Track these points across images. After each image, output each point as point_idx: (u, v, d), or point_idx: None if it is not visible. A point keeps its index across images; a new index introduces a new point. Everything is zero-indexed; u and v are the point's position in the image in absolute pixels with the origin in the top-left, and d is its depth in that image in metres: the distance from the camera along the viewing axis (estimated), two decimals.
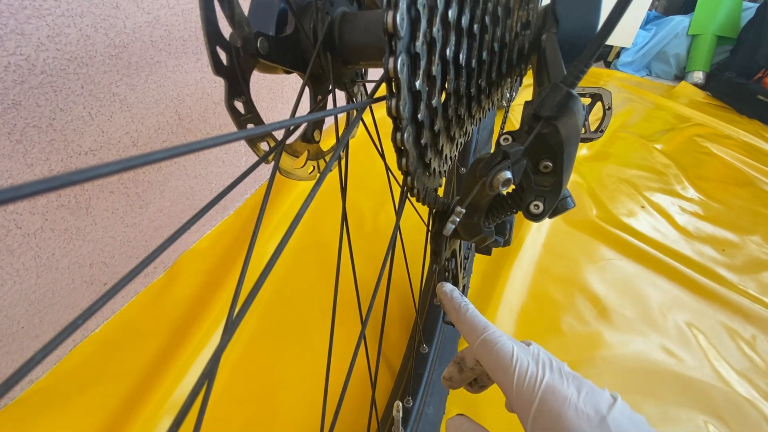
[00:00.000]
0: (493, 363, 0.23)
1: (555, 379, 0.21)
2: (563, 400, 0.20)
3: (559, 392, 0.20)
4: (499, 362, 0.23)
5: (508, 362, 0.22)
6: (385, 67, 0.16)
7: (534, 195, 0.20)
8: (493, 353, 0.23)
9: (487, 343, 0.24)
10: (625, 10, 0.14)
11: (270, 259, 0.13)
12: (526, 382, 0.21)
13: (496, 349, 0.23)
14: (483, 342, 0.24)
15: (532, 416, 0.20)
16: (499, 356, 0.23)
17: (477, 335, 0.25)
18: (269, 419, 0.44)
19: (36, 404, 0.42)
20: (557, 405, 0.20)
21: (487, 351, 0.24)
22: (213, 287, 0.54)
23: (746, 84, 1.57)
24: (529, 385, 0.21)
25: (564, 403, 0.20)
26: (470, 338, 0.25)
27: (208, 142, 0.10)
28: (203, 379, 0.12)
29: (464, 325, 0.27)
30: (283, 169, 0.26)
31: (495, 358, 0.23)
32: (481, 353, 0.24)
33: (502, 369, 0.22)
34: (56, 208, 0.40)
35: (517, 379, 0.21)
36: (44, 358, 0.09)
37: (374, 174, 0.79)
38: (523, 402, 0.21)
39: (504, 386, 0.23)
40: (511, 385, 0.22)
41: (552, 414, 0.20)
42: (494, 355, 0.23)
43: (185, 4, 0.47)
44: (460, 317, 0.27)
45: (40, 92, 0.35)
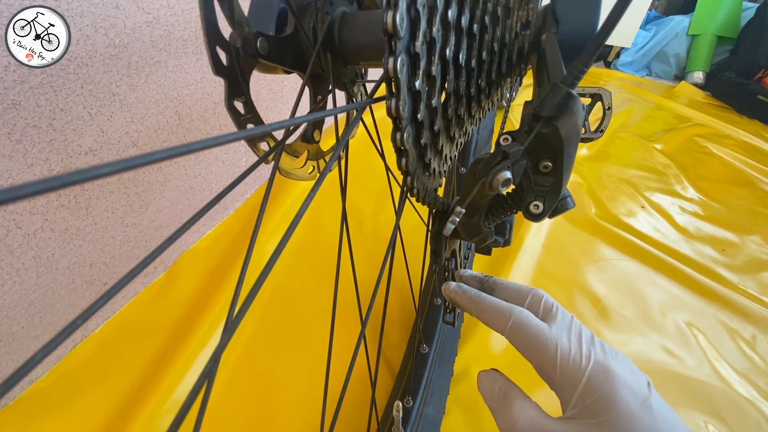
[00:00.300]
0: (531, 345, 0.22)
1: (600, 355, 0.20)
2: (612, 377, 0.19)
3: (608, 370, 0.19)
4: (536, 344, 0.22)
5: (548, 343, 0.21)
6: (384, 67, 0.16)
7: (534, 195, 0.20)
8: (528, 336, 0.22)
9: (518, 327, 0.23)
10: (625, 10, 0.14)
11: (270, 259, 0.13)
12: (571, 360, 0.20)
13: (529, 332, 0.22)
14: (514, 326, 0.23)
15: (578, 394, 0.19)
16: (536, 338, 0.22)
17: (505, 320, 0.23)
18: (269, 419, 0.44)
19: (36, 404, 0.42)
20: (607, 383, 0.19)
21: (520, 335, 0.23)
22: (213, 287, 0.54)
23: (746, 84, 1.57)
24: (574, 363, 0.20)
25: (614, 380, 0.19)
26: (498, 326, 0.24)
27: (208, 142, 0.10)
28: (203, 379, 0.12)
29: (487, 315, 0.25)
30: (282, 169, 0.26)
31: (531, 340, 0.22)
32: (514, 338, 0.23)
33: (540, 350, 0.21)
34: (56, 208, 0.40)
35: (560, 359, 0.21)
36: (44, 358, 0.09)
37: (374, 174, 0.79)
38: (569, 380, 0.20)
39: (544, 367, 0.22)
40: (554, 366, 0.21)
41: (602, 392, 0.19)
42: (530, 338, 0.22)
43: (185, 4, 0.47)
44: (481, 307, 0.26)
45: (40, 92, 0.35)
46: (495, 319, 0.24)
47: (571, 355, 0.21)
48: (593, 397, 0.19)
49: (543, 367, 0.22)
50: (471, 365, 0.51)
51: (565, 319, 0.23)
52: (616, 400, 0.18)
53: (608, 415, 0.18)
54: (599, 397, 0.19)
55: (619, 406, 0.18)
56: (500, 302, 0.25)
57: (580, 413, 0.19)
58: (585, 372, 0.20)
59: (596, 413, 0.19)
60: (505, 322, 0.24)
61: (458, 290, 0.29)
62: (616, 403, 0.18)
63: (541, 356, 0.21)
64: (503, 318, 0.24)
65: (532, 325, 0.23)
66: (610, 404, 0.18)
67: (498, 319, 0.24)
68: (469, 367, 0.51)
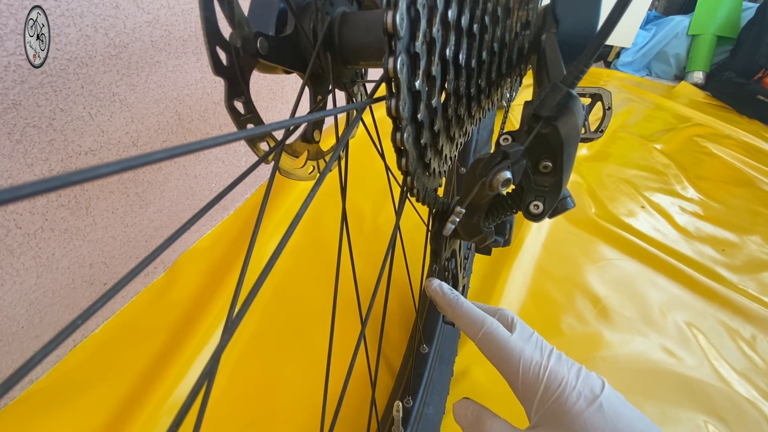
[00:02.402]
0: (497, 356, 0.24)
1: (555, 365, 0.22)
2: (565, 384, 0.21)
3: (561, 377, 0.21)
4: (502, 354, 0.24)
5: (512, 353, 0.23)
6: (384, 67, 0.16)
7: (534, 195, 0.20)
8: (496, 346, 0.24)
9: (489, 337, 0.25)
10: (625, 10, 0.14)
11: (270, 259, 0.13)
12: (531, 370, 0.22)
13: (497, 342, 0.24)
14: (484, 336, 0.25)
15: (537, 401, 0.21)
16: (502, 349, 0.24)
17: (477, 330, 0.25)
18: (269, 419, 0.44)
19: (36, 404, 0.42)
20: (560, 389, 0.21)
21: (489, 344, 0.24)
22: (213, 287, 0.54)
23: (746, 84, 1.57)
24: (534, 373, 0.22)
25: (566, 387, 0.21)
26: (470, 333, 0.26)
27: (208, 142, 0.10)
28: (203, 379, 0.12)
29: (462, 321, 0.27)
30: (282, 169, 0.26)
31: (498, 350, 0.24)
32: (483, 347, 0.25)
33: (506, 360, 0.23)
34: (56, 208, 0.40)
35: (522, 369, 0.22)
36: (44, 358, 0.09)
37: (374, 174, 0.79)
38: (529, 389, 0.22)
39: (509, 376, 0.23)
40: (517, 375, 0.22)
41: (555, 398, 0.21)
42: (497, 348, 0.24)
43: (185, 4, 0.47)
44: (457, 313, 0.28)
45: (40, 92, 0.35)
46: (468, 326, 0.26)
47: (531, 365, 0.22)
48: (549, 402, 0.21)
49: (508, 375, 0.23)
50: (471, 365, 0.51)
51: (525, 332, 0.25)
52: (567, 403, 0.20)
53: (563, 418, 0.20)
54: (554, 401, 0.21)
55: (570, 410, 0.20)
56: (475, 310, 0.27)
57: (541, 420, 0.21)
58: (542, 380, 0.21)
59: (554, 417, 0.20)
60: (476, 330, 0.25)
61: (438, 291, 0.30)
62: (567, 405, 0.20)
63: (507, 365, 0.23)
64: (475, 326, 0.26)
65: (500, 335, 0.24)
66: (564, 410, 0.20)
67: (471, 326, 0.26)
68: (469, 367, 0.51)
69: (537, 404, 0.21)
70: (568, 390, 0.21)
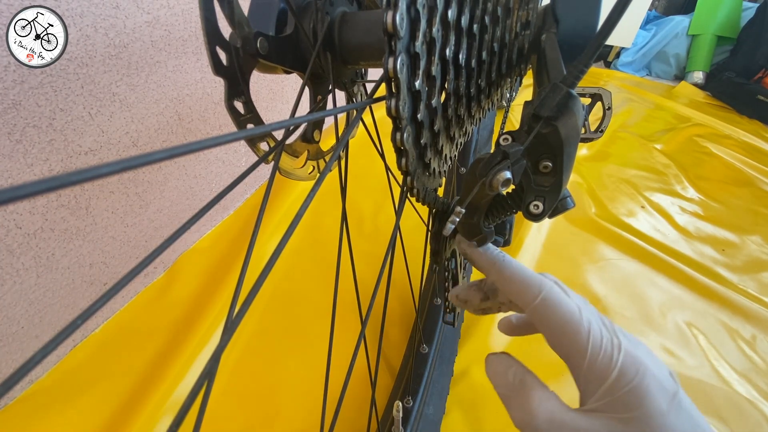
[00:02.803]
0: (559, 328, 0.19)
1: (628, 345, 0.18)
2: (644, 370, 0.18)
3: (640, 362, 0.18)
4: (566, 327, 0.19)
5: (579, 327, 0.19)
6: (384, 67, 0.16)
7: (534, 195, 0.19)
8: (559, 316, 0.19)
9: (549, 304, 0.20)
10: (624, 10, 0.14)
11: (270, 259, 0.13)
12: (603, 350, 0.18)
13: (561, 311, 0.19)
14: (543, 303, 0.20)
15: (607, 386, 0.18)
16: (567, 321, 0.19)
17: (533, 294, 0.20)
18: (269, 419, 0.44)
19: (36, 404, 0.42)
20: (638, 376, 0.17)
21: (551, 313, 0.20)
22: (213, 287, 0.54)
23: (746, 84, 1.57)
24: (606, 353, 0.18)
25: (645, 373, 0.17)
26: (524, 299, 0.21)
27: (208, 142, 0.10)
28: (203, 379, 0.12)
29: (511, 284, 0.22)
30: (282, 169, 0.26)
31: (561, 322, 0.19)
32: (540, 316, 0.20)
33: (569, 334, 0.19)
34: (56, 208, 0.40)
35: (592, 347, 0.18)
36: (44, 358, 0.09)
37: (374, 174, 0.79)
38: (597, 371, 0.18)
39: (570, 352, 0.19)
40: (583, 353, 0.18)
41: (632, 386, 0.17)
42: (560, 319, 0.19)
43: (185, 4, 0.47)
44: (504, 274, 0.22)
45: (40, 92, 0.35)
46: (521, 290, 0.21)
47: (603, 343, 0.18)
48: (623, 390, 0.17)
49: (569, 352, 0.19)
50: (471, 365, 0.51)
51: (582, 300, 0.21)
52: (647, 395, 0.17)
53: (639, 411, 0.17)
54: (629, 390, 0.17)
55: (650, 401, 0.17)
56: (528, 271, 0.22)
57: (606, 406, 0.18)
58: (617, 363, 0.18)
59: (626, 408, 0.17)
60: (534, 295, 0.20)
61: (478, 250, 0.24)
62: (647, 398, 0.17)
63: (571, 340, 0.19)
64: (531, 290, 0.20)
65: (564, 303, 0.20)
66: (641, 399, 0.17)
67: (526, 290, 0.21)
68: (469, 367, 0.51)
69: (605, 390, 0.18)
70: (649, 380, 0.17)
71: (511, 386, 0.21)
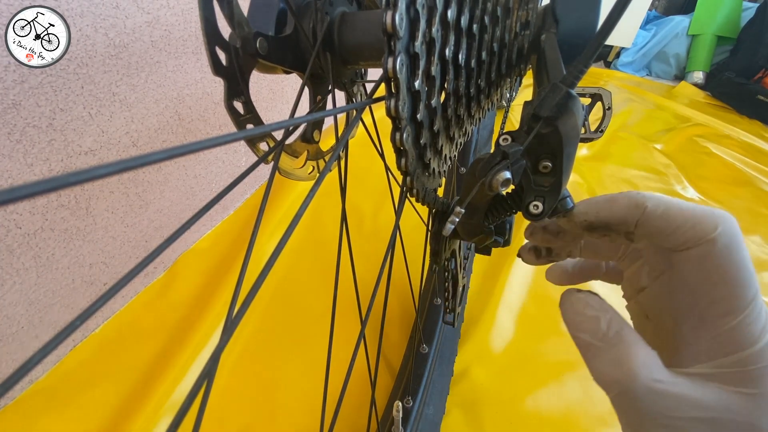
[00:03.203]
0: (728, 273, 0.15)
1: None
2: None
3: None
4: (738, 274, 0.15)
5: (751, 279, 0.15)
6: (384, 67, 0.16)
7: (533, 195, 0.19)
8: (735, 260, 0.15)
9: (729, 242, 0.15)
10: (624, 10, 0.14)
11: (269, 259, 0.13)
12: (759, 313, 0.15)
13: (741, 254, 0.15)
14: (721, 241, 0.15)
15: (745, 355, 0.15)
16: (744, 265, 0.15)
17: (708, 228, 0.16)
18: (269, 419, 0.44)
19: (36, 404, 0.42)
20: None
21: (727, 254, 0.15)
22: (213, 287, 0.54)
23: (746, 84, 1.57)
24: (761, 318, 0.15)
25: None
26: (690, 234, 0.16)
27: (207, 142, 0.10)
28: (202, 379, 0.12)
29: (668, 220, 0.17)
30: (282, 169, 0.26)
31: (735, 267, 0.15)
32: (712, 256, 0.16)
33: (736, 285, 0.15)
34: (56, 208, 0.40)
35: (754, 307, 0.15)
36: (44, 358, 0.09)
37: (374, 174, 0.79)
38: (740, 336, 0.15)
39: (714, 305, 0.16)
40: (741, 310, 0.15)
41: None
42: (735, 263, 0.15)
43: (185, 4, 0.47)
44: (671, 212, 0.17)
45: (40, 92, 0.35)
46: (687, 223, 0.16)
47: (763, 307, 0.15)
48: (762, 364, 0.15)
49: (712, 306, 0.16)
50: (471, 365, 0.51)
51: None
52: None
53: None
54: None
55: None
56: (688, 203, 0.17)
57: (726, 376, 0.15)
58: (765, 335, 0.15)
59: (755, 383, 0.15)
60: (707, 229, 0.16)
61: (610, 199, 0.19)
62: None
63: (731, 293, 0.15)
64: (705, 223, 0.16)
65: (743, 247, 0.16)
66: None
67: (694, 224, 0.16)
68: (469, 367, 0.51)
69: (737, 359, 0.15)
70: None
71: (604, 337, 0.17)
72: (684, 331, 0.17)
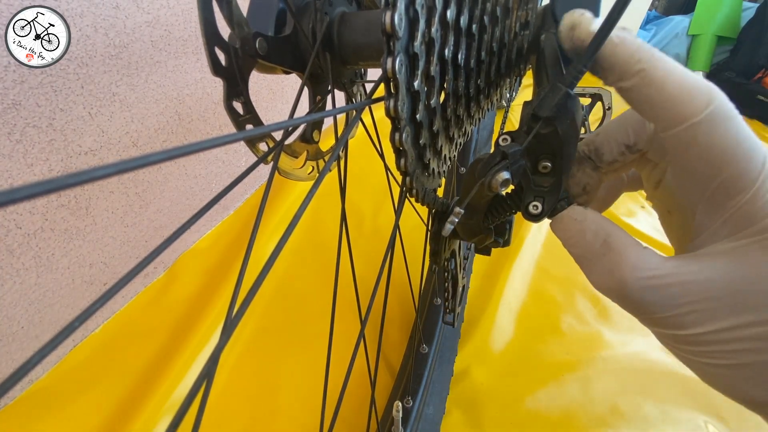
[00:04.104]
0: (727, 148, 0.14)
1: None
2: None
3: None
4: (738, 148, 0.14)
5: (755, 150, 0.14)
6: (383, 68, 0.16)
7: (533, 195, 0.19)
8: (732, 133, 0.14)
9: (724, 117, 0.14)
10: (624, 10, 0.14)
11: (269, 259, 0.13)
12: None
13: (737, 126, 0.14)
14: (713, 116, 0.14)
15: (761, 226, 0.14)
16: (744, 137, 0.14)
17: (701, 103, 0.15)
18: (269, 419, 0.44)
19: (36, 404, 0.42)
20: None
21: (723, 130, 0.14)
22: (213, 287, 0.54)
23: (746, 84, 1.57)
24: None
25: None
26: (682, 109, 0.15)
27: (207, 143, 0.10)
28: (201, 379, 0.12)
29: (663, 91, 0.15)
30: (282, 169, 0.26)
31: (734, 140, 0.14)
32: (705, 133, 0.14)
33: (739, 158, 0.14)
34: (56, 208, 0.40)
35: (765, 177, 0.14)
36: (43, 358, 0.09)
37: (374, 174, 0.79)
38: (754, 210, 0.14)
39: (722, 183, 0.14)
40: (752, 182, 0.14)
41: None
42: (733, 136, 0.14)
43: (185, 4, 0.47)
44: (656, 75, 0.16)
45: (40, 92, 0.35)
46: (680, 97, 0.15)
47: None
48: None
49: (720, 184, 0.14)
50: (471, 365, 0.51)
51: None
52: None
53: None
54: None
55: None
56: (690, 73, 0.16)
57: (740, 250, 0.14)
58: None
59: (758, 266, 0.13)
60: (700, 105, 0.15)
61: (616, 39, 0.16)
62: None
63: (736, 168, 0.14)
64: (698, 98, 0.15)
65: (740, 119, 0.15)
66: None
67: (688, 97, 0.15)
68: (469, 367, 0.51)
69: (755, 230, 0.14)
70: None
71: (592, 247, 0.17)
72: (700, 218, 0.16)
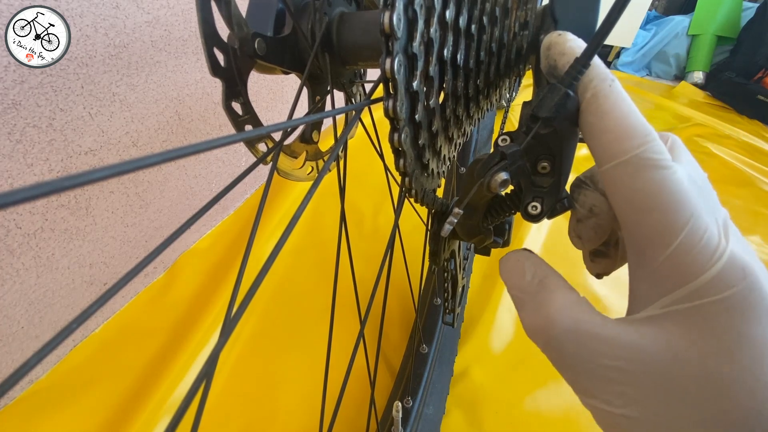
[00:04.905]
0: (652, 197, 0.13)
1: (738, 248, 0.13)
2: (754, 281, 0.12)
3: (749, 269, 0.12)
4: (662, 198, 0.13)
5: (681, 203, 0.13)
6: (382, 68, 0.16)
7: (532, 196, 0.19)
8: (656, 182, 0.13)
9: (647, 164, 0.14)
10: (623, 10, 0.14)
11: (268, 259, 0.13)
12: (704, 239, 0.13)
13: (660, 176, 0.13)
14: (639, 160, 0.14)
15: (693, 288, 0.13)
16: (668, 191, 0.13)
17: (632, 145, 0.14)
18: (269, 419, 0.44)
19: (36, 404, 0.42)
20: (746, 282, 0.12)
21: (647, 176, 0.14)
22: (213, 287, 0.54)
23: (746, 84, 1.57)
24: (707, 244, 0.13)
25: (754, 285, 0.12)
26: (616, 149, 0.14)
27: (205, 145, 0.10)
28: (200, 380, 0.12)
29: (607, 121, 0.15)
30: (281, 169, 0.26)
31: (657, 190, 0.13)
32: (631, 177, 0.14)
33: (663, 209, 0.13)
34: (56, 208, 0.40)
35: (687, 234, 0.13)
36: (43, 358, 0.09)
37: (373, 174, 0.79)
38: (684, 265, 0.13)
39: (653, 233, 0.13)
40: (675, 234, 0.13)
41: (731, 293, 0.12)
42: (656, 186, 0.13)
43: (185, 4, 0.47)
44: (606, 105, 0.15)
45: (40, 92, 0.35)
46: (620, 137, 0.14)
47: (706, 232, 0.13)
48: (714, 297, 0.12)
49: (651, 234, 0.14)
50: (471, 365, 0.51)
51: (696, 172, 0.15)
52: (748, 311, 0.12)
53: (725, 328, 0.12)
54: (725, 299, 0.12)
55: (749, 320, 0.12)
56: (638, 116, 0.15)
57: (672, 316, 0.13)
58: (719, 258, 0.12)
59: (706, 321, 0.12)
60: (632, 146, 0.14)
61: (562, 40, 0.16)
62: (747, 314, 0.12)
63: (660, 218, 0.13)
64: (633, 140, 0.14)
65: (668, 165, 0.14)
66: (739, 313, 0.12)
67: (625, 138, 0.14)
68: (469, 367, 0.51)
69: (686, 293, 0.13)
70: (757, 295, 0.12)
71: (527, 287, 0.17)
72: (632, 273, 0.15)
